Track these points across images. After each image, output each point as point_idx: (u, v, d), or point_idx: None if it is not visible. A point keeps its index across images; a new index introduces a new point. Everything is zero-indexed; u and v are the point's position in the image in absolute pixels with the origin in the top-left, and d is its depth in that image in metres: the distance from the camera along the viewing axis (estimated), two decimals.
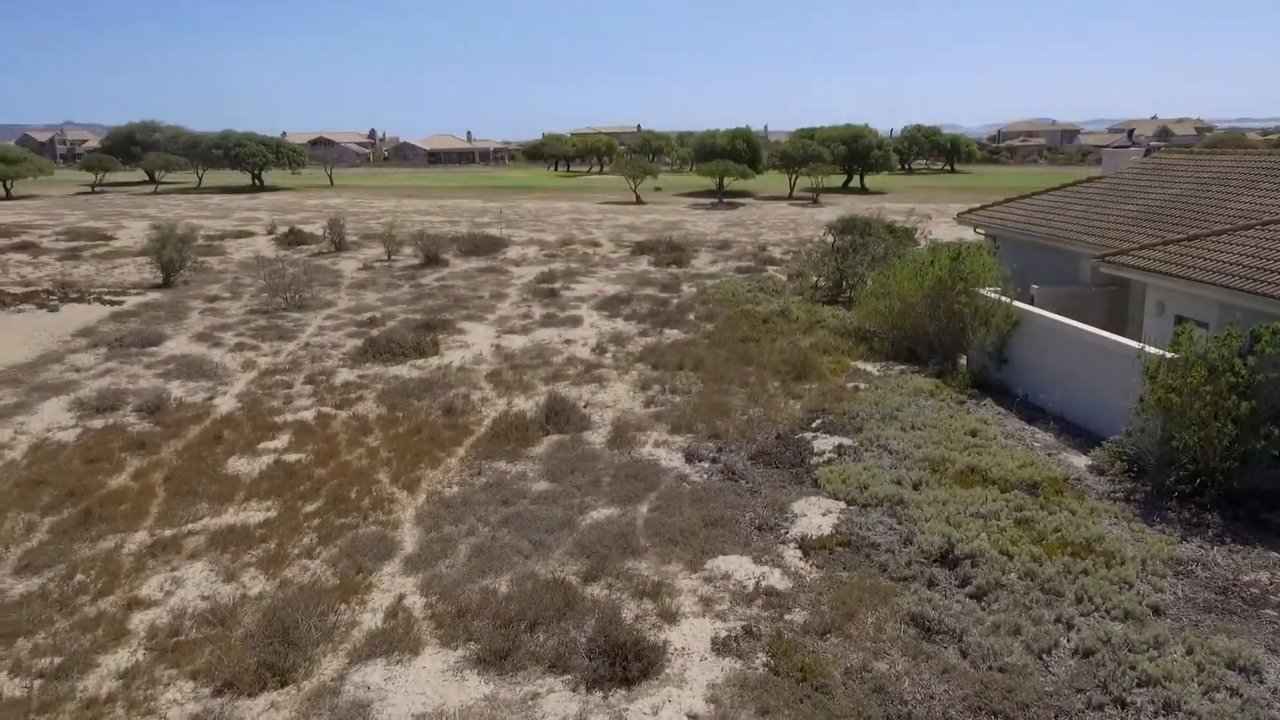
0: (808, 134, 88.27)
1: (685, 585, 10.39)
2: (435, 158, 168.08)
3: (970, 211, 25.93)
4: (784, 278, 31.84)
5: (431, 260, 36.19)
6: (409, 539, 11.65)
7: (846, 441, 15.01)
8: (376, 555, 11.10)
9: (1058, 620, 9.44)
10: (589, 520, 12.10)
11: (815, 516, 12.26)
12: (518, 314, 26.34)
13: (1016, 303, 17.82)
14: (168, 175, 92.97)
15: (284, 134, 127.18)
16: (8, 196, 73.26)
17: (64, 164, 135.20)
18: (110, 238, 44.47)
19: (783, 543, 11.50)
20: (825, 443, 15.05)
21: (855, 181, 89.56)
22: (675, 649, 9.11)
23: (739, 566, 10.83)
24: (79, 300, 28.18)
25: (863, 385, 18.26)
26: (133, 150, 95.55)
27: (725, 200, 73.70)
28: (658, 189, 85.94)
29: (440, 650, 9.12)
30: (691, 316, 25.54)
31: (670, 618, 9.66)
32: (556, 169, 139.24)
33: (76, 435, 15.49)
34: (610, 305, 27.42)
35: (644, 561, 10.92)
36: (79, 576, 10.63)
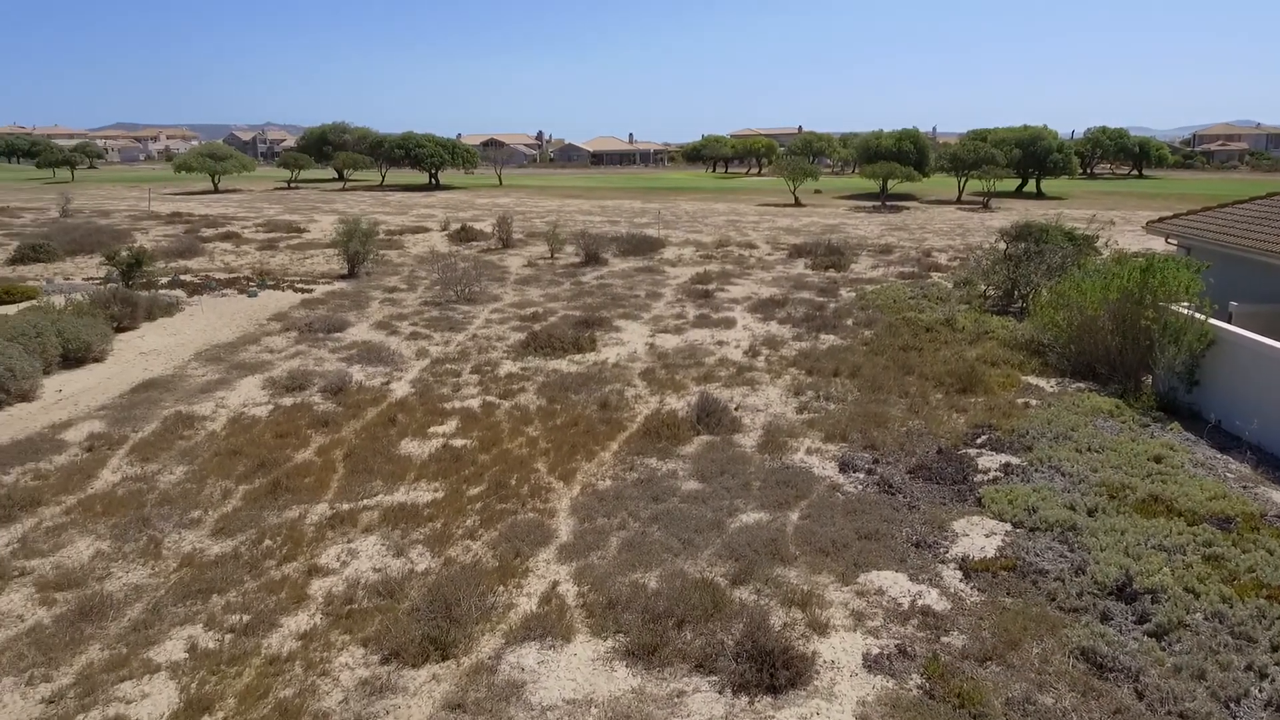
0: (980, 135, 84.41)
1: (836, 597, 10.18)
2: (598, 159, 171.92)
3: (1161, 220, 24.03)
4: (950, 285, 30.57)
5: (591, 259, 37.06)
6: (564, 528, 12.00)
7: (1014, 460, 14.26)
8: (533, 541, 11.49)
9: (1249, 668, 8.62)
10: (738, 523, 12.06)
11: (978, 537, 11.73)
12: (672, 314, 26.57)
13: (1213, 320, 16.38)
14: (354, 173, 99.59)
15: (459, 135, 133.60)
16: (216, 190, 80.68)
17: (264, 161, 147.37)
18: (303, 230, 48.10)
19: (941, 562, 11.06)
20: (991, 460, 14.36)
21: (1030, 186, 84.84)
22: (824, 661, 8.94)
23: (894, 583, 10.50)
24: (274, 287, 30.67)
25: (1034, 401, 17.29)
26: (324, 149, 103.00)
27: (889, 203, 71.55)
28: (817, 191, 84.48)
29: (591, 639, 9.35)
30: (849, 322, 24.97)
31: (820, 629, 9.49)
32: (714, 170, 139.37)
33: (268, 411, 16.86)
34: (765, 308, 27.21)
35: (793, 570, 10.78)
36: (266, 542, 11.58)
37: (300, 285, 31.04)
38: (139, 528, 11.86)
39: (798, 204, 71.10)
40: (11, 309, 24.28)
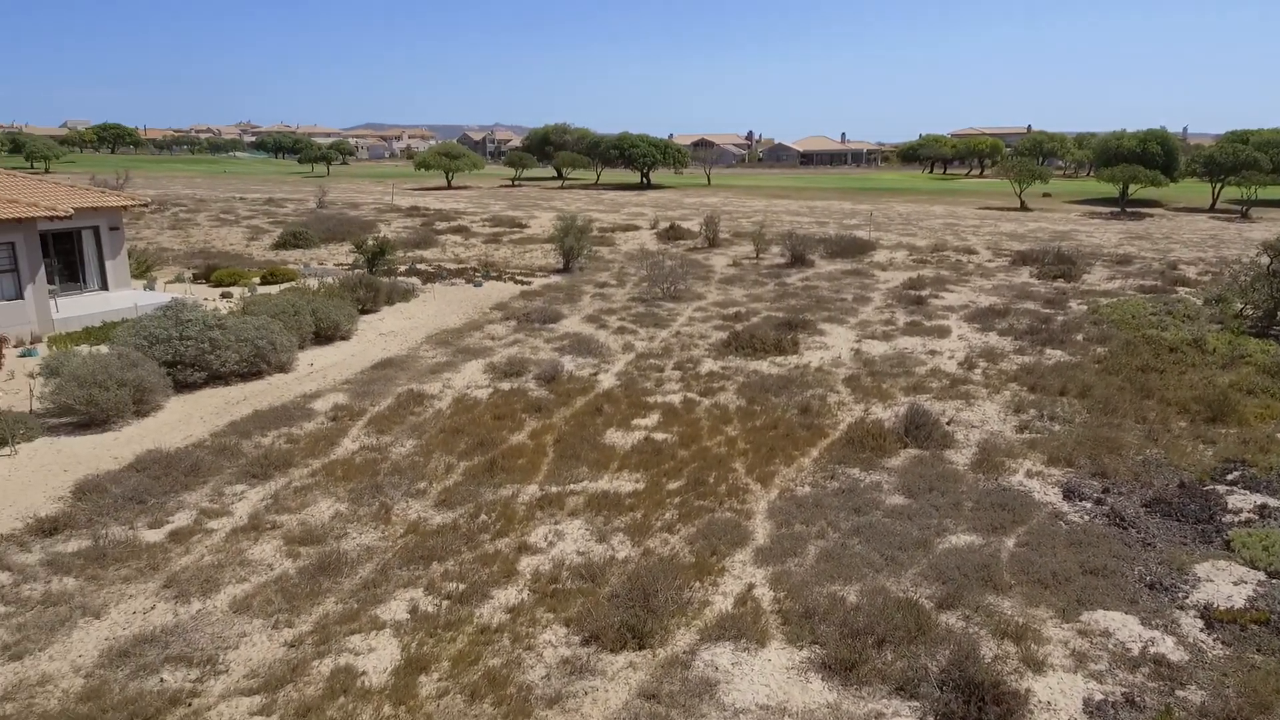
0: (1239, 137, 75.33)
1: (1055, 634, 9.45)
2: (807, 159, 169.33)
3: None
4: (1199, 302, 27.55)
5: (797, 260, 36.57)
6: (760, 531, 11.92)
7: (1272, 502, 12.65)
8: (730, 541, 11.50)
9: None
10: (947, 544, 11.48)
11: (1224, 584, 10.50)
12: (880, 319, 25.70)
13: None
14: (572, 172, 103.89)
15: (670, 136, 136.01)
16: (449, 186, 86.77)
17: (491, 160, 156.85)
18: (524, 225, 50.76)
19: (1180, 608, 10.00)
20: (1243, 500, 12.81)
21: None
22: (1039, 701, 8.33)
23: (1122, 625, 9.61)
24: (497, 278, 32.58)
25: None
26: (546, 149, 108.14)
27: (1129, 210, 65.50)
28: (1046, 195, 78.76)
29: (785, 647, 9.23)
30: (1079, 337, 23.11)
31: (1035, 666, 8.85)
32: (932, 171, 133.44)
33: (488, 394, 17.92)
34: (983, 317, 25.71)
35: (1007, 599, 10.12)
36: (482, 517, 12.31)
37: (520, 278, 32.78)
38: (372, 494, 12.98)
39: (1023, 208, 66.61)
40: (274, 289, 27.31)
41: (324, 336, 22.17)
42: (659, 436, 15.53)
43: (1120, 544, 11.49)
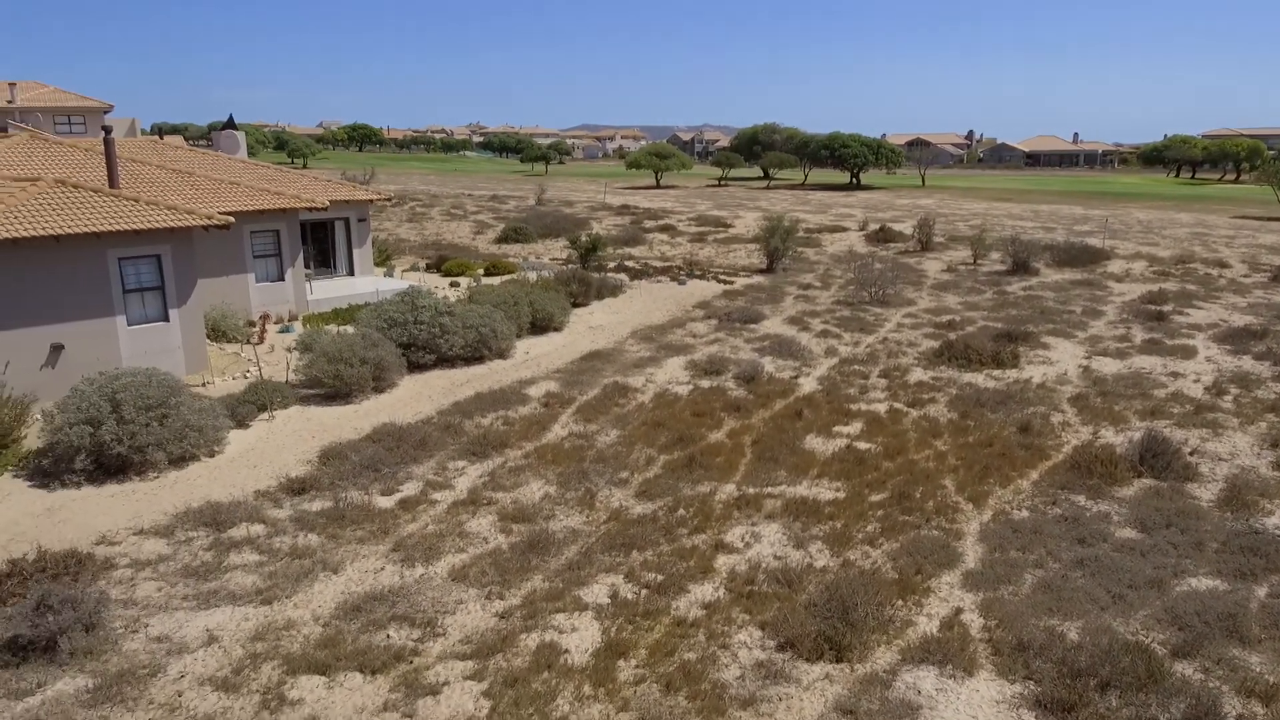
0: None
1: None
2: (1033, 159, 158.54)
3: None
4: None
5: (1020, 267, 34.36)
6: (971, 553, 11.33)
7: None
8: (937, 561, 11.02)
9: None
10: (1185, 587, 10.42)
11: None
12: (1113, 335, 23.66)
13: None
14: (778, 172, 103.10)
15: (883, 135, 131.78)
16: (658, 185, 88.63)
17: (699, 160, 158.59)
18: (728, 225, 50.94)
19: None
20: None
21: None
22: None
23: None
24: (700, 277, 32.93)
25: None
26: (754, 149, 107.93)
27: None
28: None
29: (995, 679, 8.72)
30: None
31: None
32: (1177, 175, 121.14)
33: (688, 391, 18.16)
34: (1236, 338, 23.05)
35: (1256, 654, 9.05)
36: (680, 511, 12.51)
37: (723, 277, 32.95)
38: (579, 479, 13.52)
39: None
40: (496, 280, 29.04)
41: (539, 327, 23.32)
42: (862, 445, 15.12)
43: None
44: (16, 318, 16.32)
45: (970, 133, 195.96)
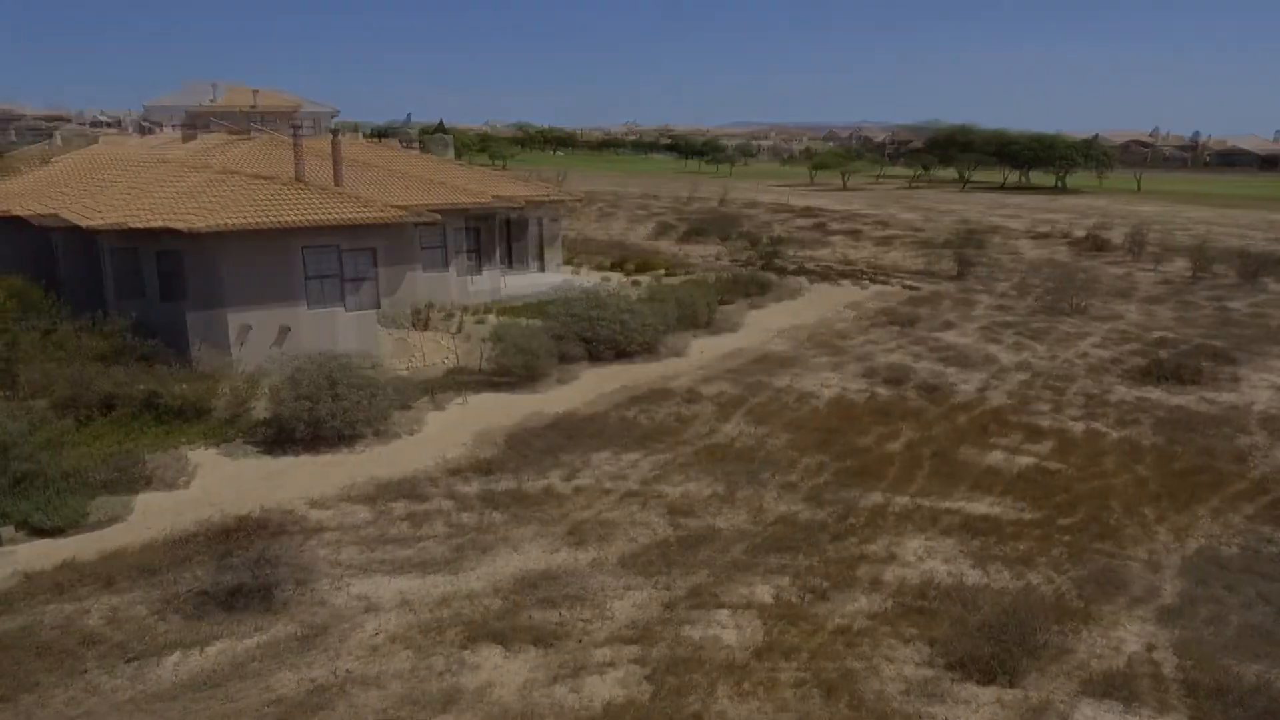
0: None
1: None
2: (1270, 164, 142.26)
3: None
4: None
5: (1247, 281, 31.11)
6: (1169, 588, 10.51)
7: None
8: (1128, 593, 10.31)
9: None
10: None
11: None
12: None
13: None
14: (975, 174, 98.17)
15: (1095, 135, 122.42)
16: (844, 188, 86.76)
17: (890, 161, 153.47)
18: (918, 229, 49.14)
19: None
20: None
21: None
22: None
23: None
24: (884, 282, 32.02)
25: None
26: (949, 150, 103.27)
27: None
28: None
29: None
30: None
31: None
32: None
33: (865, 399, 17.80)
34: None
35: None
36: (850, 519, 12.33)
37: (909, 283, 31.89)
38: (747, 480, 13.62)
39: None
40: (676, 280, 29.51)
41: (716, 327, 23.53)
42: (1052, 465, 14.31)
43: None
44: (253, 300, 18.34)
45: (1196, 134, 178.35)
